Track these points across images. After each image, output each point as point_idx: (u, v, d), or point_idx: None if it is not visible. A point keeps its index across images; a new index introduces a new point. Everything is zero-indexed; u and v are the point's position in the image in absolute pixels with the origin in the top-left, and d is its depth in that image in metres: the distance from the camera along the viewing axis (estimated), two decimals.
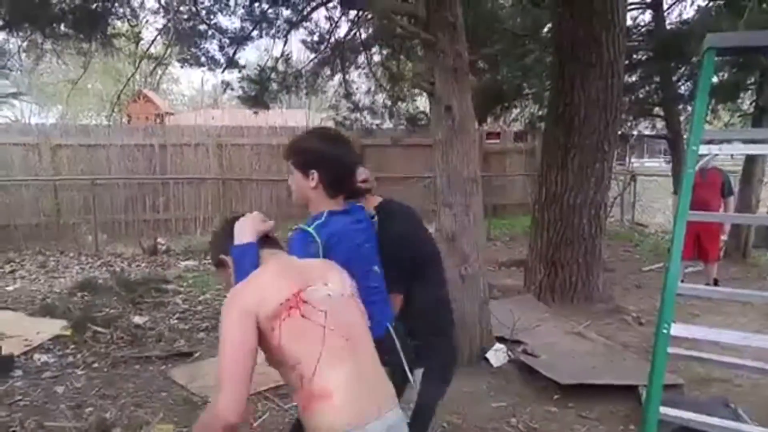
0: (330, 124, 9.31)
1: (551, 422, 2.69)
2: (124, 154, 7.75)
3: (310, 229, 1.67)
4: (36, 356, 3.54)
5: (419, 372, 1.88)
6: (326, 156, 1.74)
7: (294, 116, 13.25)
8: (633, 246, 7.31)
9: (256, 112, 6.96)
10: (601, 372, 3.04)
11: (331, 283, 1.47)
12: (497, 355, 3.35)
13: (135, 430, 2.65)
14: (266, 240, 1.57)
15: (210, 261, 1.73)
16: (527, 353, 3.36)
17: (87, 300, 4.53)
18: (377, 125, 9.18)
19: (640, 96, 7.58)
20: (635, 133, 8.86)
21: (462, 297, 3.32)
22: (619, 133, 5.96)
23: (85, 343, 3.76)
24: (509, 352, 3.41)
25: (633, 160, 10.59)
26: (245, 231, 1.56)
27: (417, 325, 1.88)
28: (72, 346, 3.72)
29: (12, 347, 3.50)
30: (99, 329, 3.97)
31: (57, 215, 7.17)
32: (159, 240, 6.80)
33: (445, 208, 3.38)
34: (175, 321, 4.32)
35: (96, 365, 3.45)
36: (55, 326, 3.95)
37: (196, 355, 3.65)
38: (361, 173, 1.95)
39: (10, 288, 4.93)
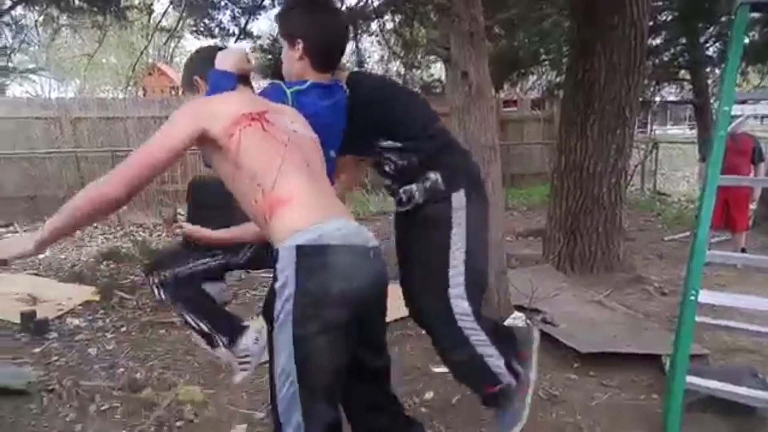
0: None
1: (572, 389, 2.70)
2: (141, 126, 7.81)
3: (288, 91, 1.59)
4: (68, 320, 3.67)
5: (461, 195, 1.79)
6: (313, 22, 1.64)
7: None
8: (655, 215, 7.21)
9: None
10: (622, 341, 3.04)
11: (298, 125, 1.48)
12: (515, 324, 3.36)
13: (164, 390, 2.74)
14: (243, 80, 1.56)
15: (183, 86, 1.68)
16: (546, 322, 3.37)
17: (112, 268, 4.65)
18: None
19: (665, 59, 7.36)
20: (658, 99, 8.64)
21: None
22: (641, 99, 5.83)
23: (113, 309, 3.89)
24: (528, 321, 3.42)
25: (655, 127, 10.35)
26: (227, 61, 1.53)
27: (431, 156, 1.81)
28: (101, 311, 3.84)
29: (46, 311, 3.63)
30: (125, 296, 4.09)
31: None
32: (179, 210, 6.90)
33: None
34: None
35: (124, 329, 3.57)
36: (84, 292, 4.08)
37: None
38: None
39: (41, 256, 5.06)
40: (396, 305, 3.85)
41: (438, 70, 9.03)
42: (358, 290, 1.29)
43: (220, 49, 1.59)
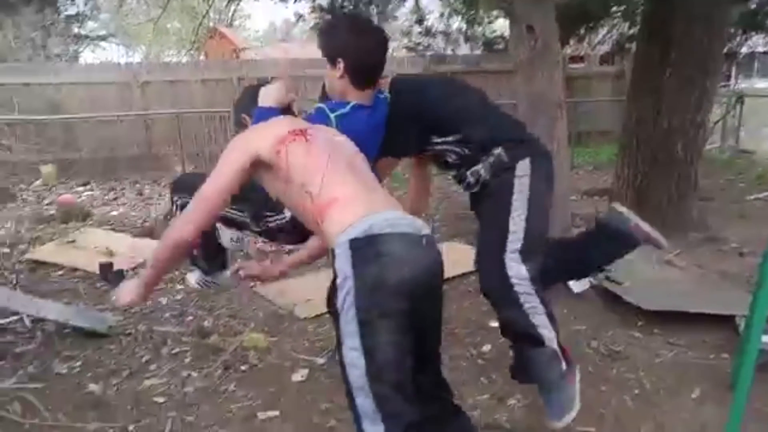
0: (402, 51, 9.07)
1: (634, 347, 2.62)
2: (204, 88, 8.02)
3: (331, 115, 1.68)
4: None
5: (525, 164, 1.83)
6: (353, 44, 1.70)
7: None
8: (736, 174, 6.72)
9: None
10: (692, 300, 2.89)
11: (340, 138, 1.57)
12: (579, 281, 3.26)
13: (230, 336, 2.87)
14: (286, 111, 1.65)
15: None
16: (610, 280, 3.26)
17: None
18: (452, 51, 8.82)
19: (753, 6, 6.71)
20: (745, 49, 7.93)
21: None
22: (726, 49, 5.38)
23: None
24: (591, 279, 3.32)
25: (740, 80, 9.54)
26: (269, 97, 1.64)
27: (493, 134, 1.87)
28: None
29: (122, 263, 3.85)
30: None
31: (148, 147, 7.63)
32: None
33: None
34: (261, 243, 4.54)
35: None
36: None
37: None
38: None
39: (115, 213, 5.38)
40: (453, 262, 3.85)
41: (500, 25, 8.69)
42: (413, 276, 1.32)
43: (263, 85, 1.71)
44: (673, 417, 2.11)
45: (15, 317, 2.92)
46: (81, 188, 6.48)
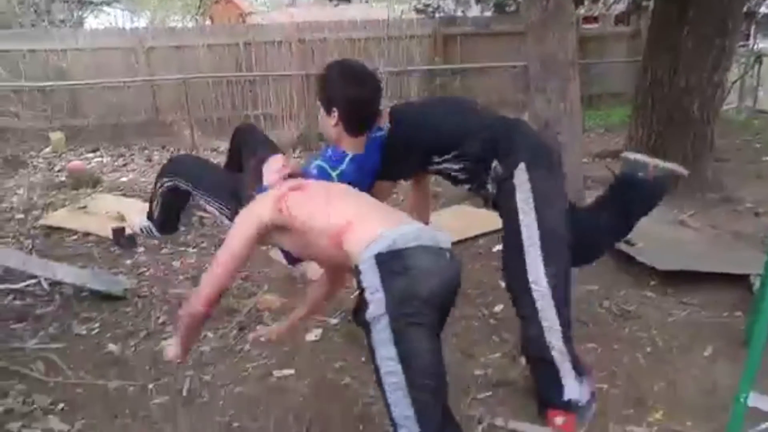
0: (411, 13, 8.85)
1: (647, 306, 2.62)
2: (211, 54, 7.90)
3: (332, 173, 1.80)
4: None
5: (521, 170, 1.88)
6: (346, 95, 1.78)
7: (375, 10, 12.70)
8: (753, 134, 6.59)
9: (336, 4, 6.74)
10: (706, 260, 2.87)
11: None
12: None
13: (244, 298, 2.91)
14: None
15: None
16: (623, 241, 3.23)
17: None
18: (462, 12, 8.60)
19: None
20: (764, 9, 7.67)
21: None
22: (744, 9, 5.20)
23: (193, 226, 4.09)
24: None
25: (759, 40, 9.24)
26: (271, 175, 1.76)
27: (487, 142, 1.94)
28: (182, 228, 4.05)
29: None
30: (203, 214, 4.28)
31: (156, 113, 7.59)
32: None
33: (539, 95, 3.18)
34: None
35: (204, 245, 3.77)
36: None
37: None
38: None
39: (124, 179, 5.40)
40: (463, 225, 3.84)
41: None
42: (441, 288, 1.39)
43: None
44: (685, 374, 2.13)
45: (33, 281, 2.96)
46: (90, 155, 6.49)
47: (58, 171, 5.53)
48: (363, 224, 1.42)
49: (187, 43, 7.83)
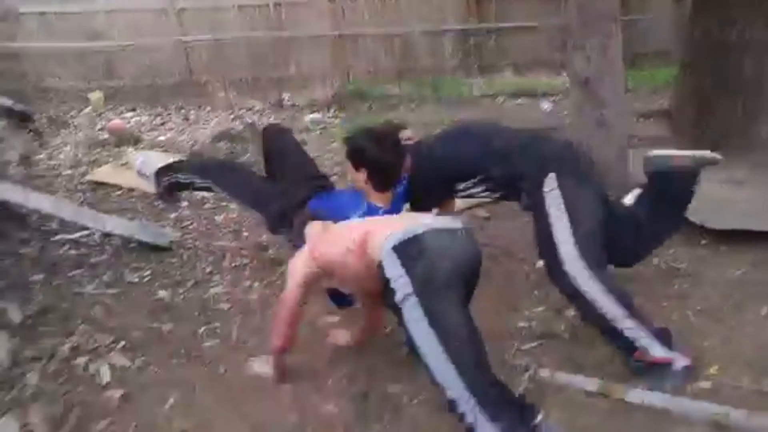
0: None
1: (698, 264, 2.57)
2: (242, 14, 7.83)
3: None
4: (195, 192, 3.96)
5: (550, 179, 1.96)
6: (372, 158, 2.01)
7: None
8: None
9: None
10: (759, 219, 2.77)
11: None
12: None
13: (288, 250, 2.95)
14: None
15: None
16: None
17: (227, 147, 4.91)
18: None
19: None
20: None
21: (598, 144, 3.13)
22: None
23: None
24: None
25: None
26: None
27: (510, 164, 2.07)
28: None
29: None
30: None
31: (190, 74, 7.61)
32: (283, 95, 7.05)
33: (578, 51, 3.07)
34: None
35: None
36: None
37: None
38: (405, 134, 2.30)
39: (163, 138, 5.47)
40: None
41: None
42: (459, 261, 1.53)
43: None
44: (739, 332, 2.08)
45: (86, 232, 3.08)
46: (129, 114, 6.58)
47: (100, 130, 5.63)
48: (381, 229, 1.61)
49: (219, 5, 7.78)
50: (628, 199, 3.21)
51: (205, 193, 3.90)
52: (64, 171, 4.29)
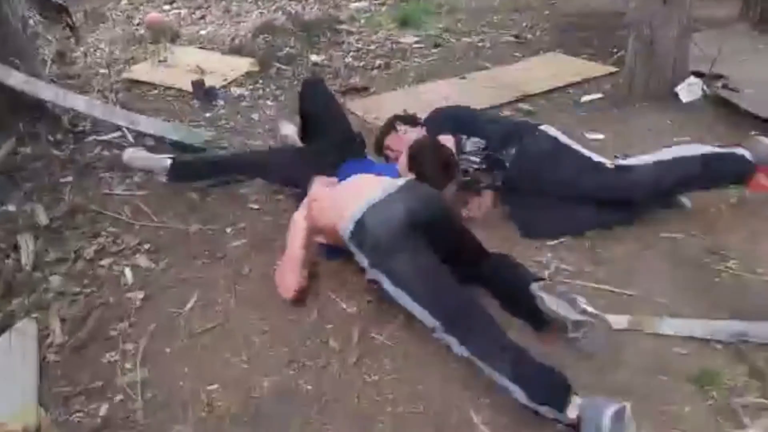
0: None
1: None
2: None
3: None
4: (233, 89, 3.96)
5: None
6: (428, 173, 2.12)
7: None
8: None
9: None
10: None
11: None
12: (690, 90, 2.89)
13: None
14: None
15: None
16: (727, 88, 2.85)
17: (268, 41, 4.77)
18: None
19: None
20: None
21: (658, 23, 2.95)
22: None
23: (271, 78, 4.12)
24: (705, 87, 2.92)
25: None
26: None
27: None
28: (260, 81, 4.07)
29: (213, 80, 3.93)
30: (282, 66, 4.28)
31: None
32: None
33: None
34: (350, 59, 4.46)
35: (282, 98, 3.84)
36: (244, 63, 4.29)
37: (371, 90, 3.85)
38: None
39: (203, 32, 5.35)
40: (554, 74, 3.62)
41: None
42: (395, 222, 1.70)
43: None
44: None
45: (118, 133, 3.14)
46: (167, 6, 6.43)
47: (137, 24, 5.56)
48: (343, 217, 1.79)
49: None
50: (681, 88, 2.94)
51: (240, 90, 3.91)
52: (100, 69, 4.27)
